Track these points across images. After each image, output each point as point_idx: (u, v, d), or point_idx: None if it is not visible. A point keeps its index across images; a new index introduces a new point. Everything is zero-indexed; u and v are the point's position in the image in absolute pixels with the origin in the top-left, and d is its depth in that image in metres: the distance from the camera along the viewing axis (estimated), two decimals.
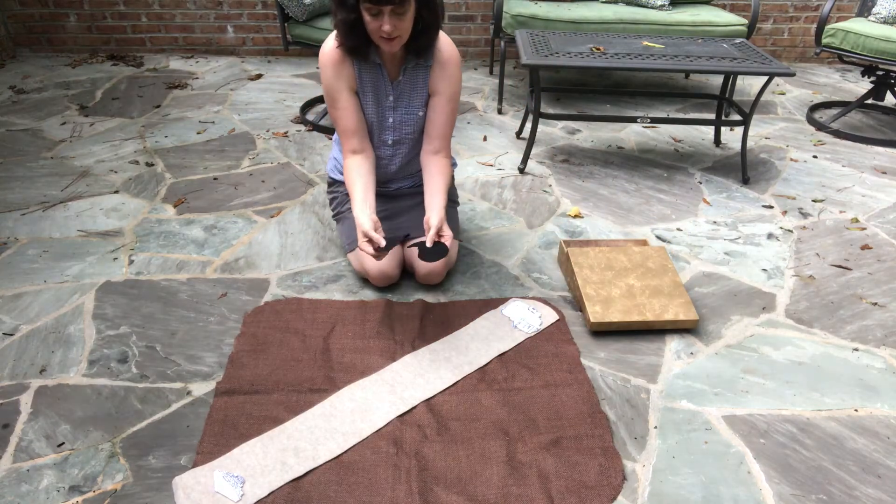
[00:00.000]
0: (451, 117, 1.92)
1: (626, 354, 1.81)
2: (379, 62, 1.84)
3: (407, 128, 1.96)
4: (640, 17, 3.41)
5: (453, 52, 1.87)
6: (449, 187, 1.93)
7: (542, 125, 3.35)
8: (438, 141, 1.92)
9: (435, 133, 1.92)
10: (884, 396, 1.70)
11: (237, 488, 1.36)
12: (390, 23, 1.63)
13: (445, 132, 1.92)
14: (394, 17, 1.63)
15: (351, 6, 1.66)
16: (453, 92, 1.89)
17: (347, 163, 1.89)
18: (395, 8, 1.61)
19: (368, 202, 1.81)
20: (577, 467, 1.44)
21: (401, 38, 1.69)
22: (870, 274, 2.20)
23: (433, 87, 1.89)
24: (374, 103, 1.90)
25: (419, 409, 1.59)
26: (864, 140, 3.24)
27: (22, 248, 2.18)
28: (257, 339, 1.79)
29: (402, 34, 1.68)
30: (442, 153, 1.93)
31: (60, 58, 4.14)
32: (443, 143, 1.93)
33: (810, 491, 1.43)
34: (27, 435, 1.50)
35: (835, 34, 3.25)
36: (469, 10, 4.22)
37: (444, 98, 1.89)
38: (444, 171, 1.91)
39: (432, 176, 1.90)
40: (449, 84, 1.88)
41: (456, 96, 1.90)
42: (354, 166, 1.88)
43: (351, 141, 1.89)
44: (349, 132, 1.88)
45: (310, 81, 3.88)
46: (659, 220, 2.48)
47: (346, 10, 1.68)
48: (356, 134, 1.89)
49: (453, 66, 1.87)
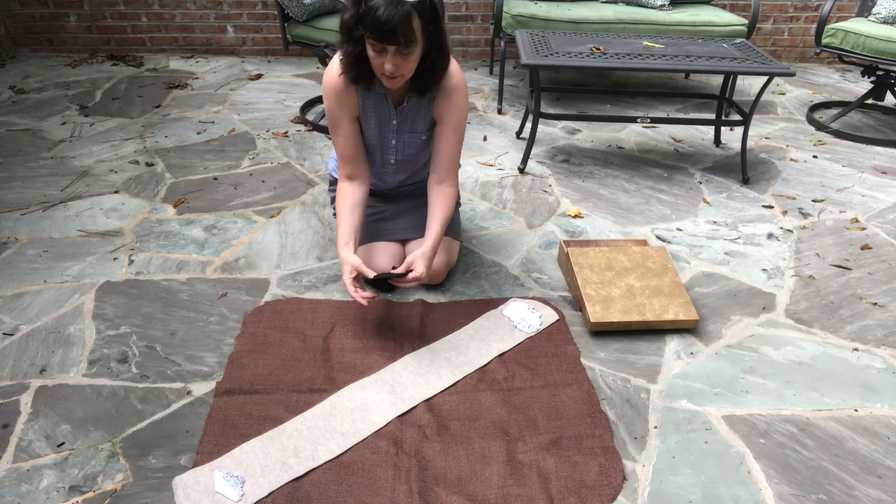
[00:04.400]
0: (458, 147, 1.86)
1: (626, 354, 1.81)
2: (383, 92, 1.80)
3: (410, 150, 1.95)
4: (640, 17, 3.41)
5: (459, 80, 1.80)
6: (450, 219, 1.88)
7: (542, 125, 3.35)
8: (444, 171, 1.86)
9: (440, 163, 1.86)
10: (884, 396, 1.70)
11: (237, 488, 1.36)
12: (393, 62, 1.57)
13: (452, 162, 1.86)
14: (398, 57, 1.57)
15: (357, 39, 1.61)
16: (459, 121, 1.83)
17: (341, 188, 1.87)
18: (399, 48, 1.55)
19: (354, 240, 1.80)
20: (577, 467, 1.44)
21: (403, 76, 1.64)
22: (870, 274, 2.20)
23: (438, 115, 1.83)
24: (376, 126, 1.88)
25: (419, 409, 1.59)
26: (864, 140, 3.24)
27: (22, 248, 2.18)
28: (257, 339, 1.79)
29: (404, 73, 1.63)
30: (447, 182, 1.87)
31: (60, 58, 4.14)
32: (448, 172, 1.87)
33: (810, 491, 1.43)
34: (27, 435, 1.50)
35: (835, 34, 3.25)
36: (469, 10, 4.22)
37: (449, 128, 1.83)
38: (445, 205, 1.85)
39: (433, 209, 1.85)
40: (454, 113, 1.81)
41: (462, 125, 1.84)
42: (347, 195, 1.85)
43: (348, 166, 1.86)
44: (347, 158, 1.85)
45: (310, 81, 3.88)
46: (659, 220, 2.48)
47: (352, 43, 1.62)
48: (354, 160, 1.86)
49: (459, 96, 1.80)
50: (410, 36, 1.52)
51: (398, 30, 1.50)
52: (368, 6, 1.51)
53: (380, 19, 1.49)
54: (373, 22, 1.50)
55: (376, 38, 1.52)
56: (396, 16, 1.48)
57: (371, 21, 1.50)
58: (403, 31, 1.51)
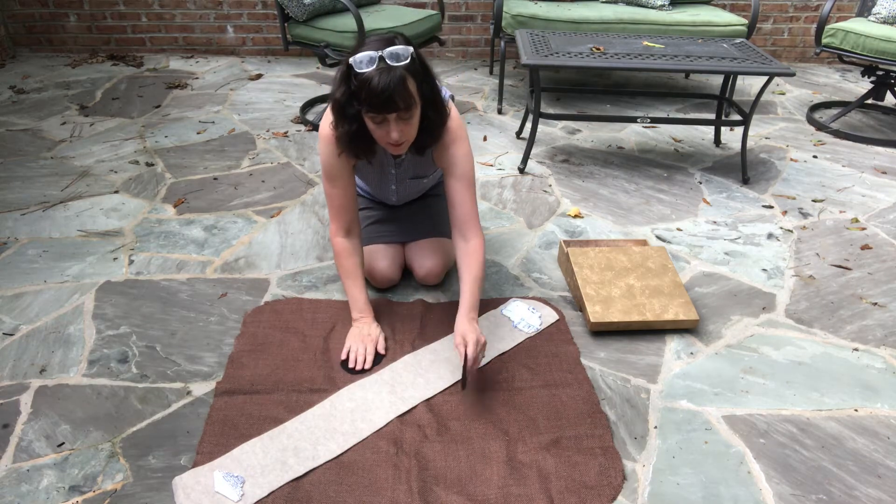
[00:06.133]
0: (472, 199, 1.74)
1: (626, 354, 1.81)
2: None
3: (412, 189, 1.97)
4: (640, 17, 3.41)
5: (457, 129, 1.70)
6: (483, 277, 1.74)
7: (542, 125, 3.35)
8: (464, 226, 1.73)
9: (459, 220, 1.73)
10: (884, 396, 1.70)
11: (237, 488, 1.36)
12: (397, 129, 1.51)
13: (470, 215, 1.73)
14: (400, 123, 1.51)
15: (352, 116, 1.54)
16: (464, 172, 1.71)
17: (342, 245, 1.79)
18: (400, 114, 1.48)
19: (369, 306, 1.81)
20: (577, 467, 1.44)
21: (408, 141, 1.58)
22: (870, 274, 2.20)
23: (441, 164, 1.75)
24: (377, 170, 1.86)
25: (419, 409, 1.59)
26: (864, 140, 3.24)
27: (22, 248, 2.18)
28: (257, 339, 1.79)
29: (409, 138, 1.57)
30: (470, 235, 1.73)
31: (60, 58, 4.14)
32: (469, 226, 1.73)
33: (810, 491, 1.43)
34: (27, 435, 1.50)
35: (835, 34, 3.25)
36: (469, 10, 4.22)
37: (459, 182, 1.71)
38: (473, 264, 1.70)
39: (462, 273, 1.71)
40: (458, 165, 1.71)
41: (470, 174, 1.73)
42: (350, 254, 1.79)
43: (345, 218, 1.78)
44: (344, 209, 1.77)
45: (310, 81, 3.88)
46: (659, 220, 2.48)
47: (347, 122, 1.56)
48: (349, 212, 1.78)
49: (459, 146, 1.70)
50: (409, 99, 1.47)
51: (396, 96, 1.44)
52: (360, 79, 1.44)
53: (375, 89, 1.42)
54: (368, 94, 1.44)
55: (375, 109, 1.46)
56: (392, 82, 1.42)
57: (366, 93, 1.44)
58: (401, 96, 1.44)
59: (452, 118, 1.70)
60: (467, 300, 1.65)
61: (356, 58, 1.44)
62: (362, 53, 1.44)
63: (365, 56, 1.44)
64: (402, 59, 1.45)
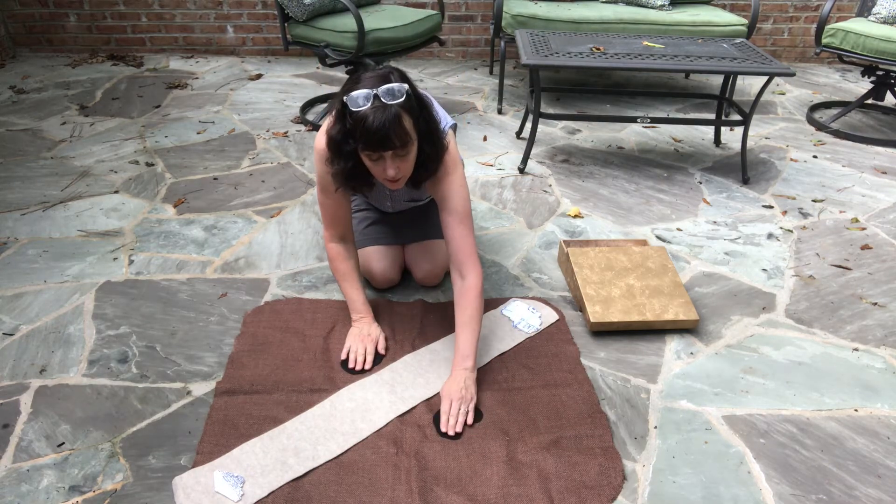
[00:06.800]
0: (469, 234, 1.68)
1: (626, 354, 1.81)
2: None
3: (408, 206, 1.99)
4: (640, 17, 3.41)
5: (451, 161, 1.67)
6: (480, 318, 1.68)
7: (542, 125, 3.35)
8: (461, 263, 1.67)
9: (456, 256, 1.68)
10: (884, 396, 1.70)
11: (237, 488, 1.36)
12: (394, 166, 1.50)
13: (466, 251, 1.68)
14: (396, 160, 1.50)
15: (348, 154, 1.54)
16: (458, 205, 1.67)
17: (336, 249, 1.80)
18: (396, 151, 1.48)
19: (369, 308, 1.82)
20: (577, 467, 1.44)
21: (405, 176, 1.57)
22: (870, 274, 2.20)
23: (434, 196, 1.72)
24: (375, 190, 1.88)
25: (419, 409, 1.59)
26: (864, 140, 3.24)
27: (22, 248, 2.18)
28: (257, 339, 1.79)
29: (406, 174, 1.56)
30: (465, 271, 1.67)
31: (60, 58, 4.14)
32: (466, 262, 1.67)
33: (810, 491, 1.43)
34: (27, 435, 1.50)
35: (835, 34, 3.25)
36: (469, 10, 4.22)
37: (452, 217, 1.67)
38: (468, 306, 1.65)
39: (457, 317, 1.67)
40: (452, 198, 1.66)
41: (465, 208, 1.68)
42: (345, 257, 1.81)
43: (339, 227, 1.79)
44: (335, 220, 1.77)
45: (310, 81, 3.88)
46: (659, 220, 2.48)
47: (344, 160, 1.55)
48: (342, 222, 1.78)
49: (453, 179, 1.67)
50: (405, 137, 1.47)
51: (392, 134, 1.43)
52: (356, 118, 1.43)
53: (371, 128, 1.41)
54: (364, 132, 1.43)
55: (371, 147, 1.46)
56: (387, 120, 1.41)
57: (362, 132, 1.43)
58: (397, 134, 1.43)
59: (449, 151, 1.67)
60: (460, 348, 1.63)
61: (351, 96, 1.43)
62: (357, 91, 1.43)
63: (360, 94, 1.43)
64: (397, 97, 1.44)
